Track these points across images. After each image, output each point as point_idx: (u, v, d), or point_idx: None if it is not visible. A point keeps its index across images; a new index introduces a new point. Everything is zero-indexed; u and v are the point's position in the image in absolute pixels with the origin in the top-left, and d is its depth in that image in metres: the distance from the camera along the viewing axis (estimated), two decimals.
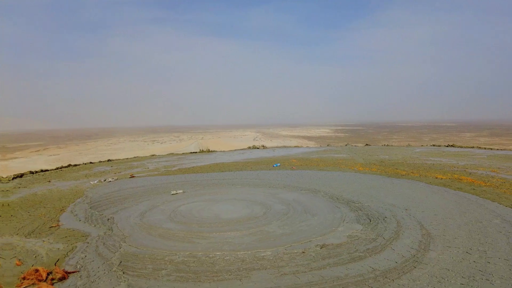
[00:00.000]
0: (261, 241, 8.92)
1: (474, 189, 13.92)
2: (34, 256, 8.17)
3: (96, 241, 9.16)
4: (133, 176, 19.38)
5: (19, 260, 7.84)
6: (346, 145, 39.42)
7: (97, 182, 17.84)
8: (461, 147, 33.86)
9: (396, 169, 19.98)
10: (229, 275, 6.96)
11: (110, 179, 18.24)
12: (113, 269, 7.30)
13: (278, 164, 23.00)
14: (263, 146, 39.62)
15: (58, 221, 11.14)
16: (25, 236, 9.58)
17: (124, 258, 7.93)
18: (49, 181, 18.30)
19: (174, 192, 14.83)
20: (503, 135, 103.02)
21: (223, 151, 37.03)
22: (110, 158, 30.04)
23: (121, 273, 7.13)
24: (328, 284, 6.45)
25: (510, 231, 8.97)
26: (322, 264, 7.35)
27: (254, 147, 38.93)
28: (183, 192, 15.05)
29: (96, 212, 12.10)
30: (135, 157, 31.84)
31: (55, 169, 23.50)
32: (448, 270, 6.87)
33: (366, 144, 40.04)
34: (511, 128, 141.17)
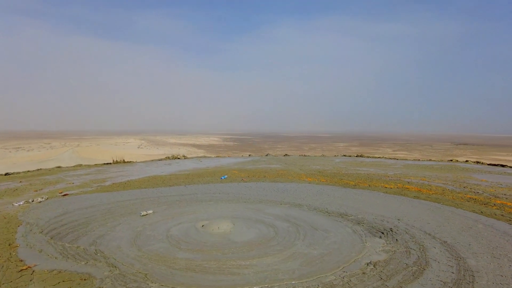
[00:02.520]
0: (308, 265, 8.28)
1: (428, 197, 15.80)
2: None
3: (113, 283, 7.12)
4: (66, 195, 15.94)
5: None
6: (266, 155, 40.47)
7: (24, 203, 14.07)
8: (368, 157, 38.41)
9: (341, 179, 21.32)
10: None
11: (39, 199, 14.58)
12: None
13: (226, 176, 22.09)
14: (184, 156, 37.63)
15: (21, 260, 8.31)
16: None
17: None
18: None
19: (144, 213, 12.74)
20: (370, 145, 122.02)
21: (144, 161, 33.77)
22: None
23: None
24: None
25: (502, 235, 10.34)
26: (396, 283, 7.20)
27: (174, 157, 36.64)
28: (153, 212, 13.04)
29: (68, 245, 9.48)
30: (38, 169, 26.34)
31: None
32: (502, 276, 7.51)
33: (285, 154, 41.86)
34: (376, 139, 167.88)
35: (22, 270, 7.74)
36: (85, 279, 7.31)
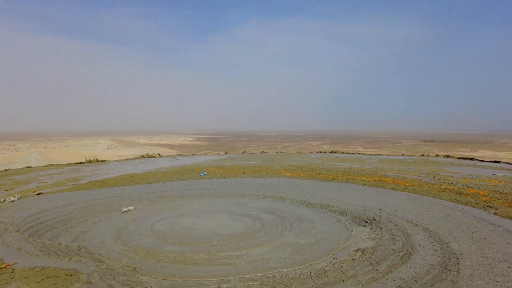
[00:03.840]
0: (298, 253, 8.35)
1: (406, 188, 16.33)
2: None
3: (101, 278, 6.87)
4: (40, 193, 15.24)
5: None
6: (243, 153, 40.45)
7: None
8: (342, 153, 39.21)
9: (319, 173, 21.64)
10: None
11: (12, 199, 13.86)
12: None
13: (205, 173, 21.88)
14: (159, 154, 36.92)
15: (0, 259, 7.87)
16: None
17: None
18: None
19: (126, 209, 12.41)
20: (341, 143, 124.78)
21: (119, 160, 32.85)
22: None
23: None
24: (419, 284, 6.54)
25: (479, 221, 10.85)
26: (385, 267, 7.38)
27: (149, 156, 35.88)
28: (134, 208, 12.73)
29: (48, 242, 9.06)
30: (6, 169, 25.03)
31: None
32: (484, 257, 7.87)
33: (262, 152, 41.99)
34: (346, 138, 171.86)
35: (1, 268, 7.32)
36: (70, 275, 7.01)
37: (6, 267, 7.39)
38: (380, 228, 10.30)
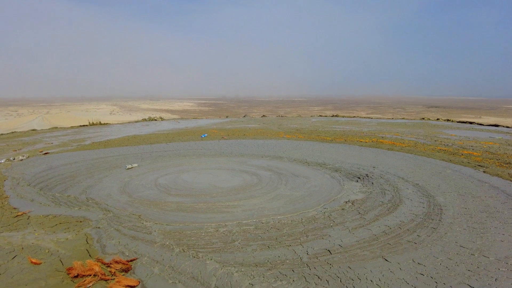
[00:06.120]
0: (291, 203, 8.89)
1: (401, 149, 16.74)
2: (47, 251, 6.21)
3: (108, 224, 7.49)
4: (47, 153, 15.80)
5: (32, 257, 5.85)
6: (244, 117, 40.72)
7: (5, 161, 13.92)
8: (343, 116, 39.41)
9: (318, 135, 22.03)
10: (306, 237, 6.85)
11: (21, 157, 14.44)
12: (177, 251, 6.23)
13: (206, 135, 22.33)
14: (161, 118, 37.27)
15: (15, 208, 8.49)
16: None
17: (173, 237, 6.83)
18: None
19: (130, 166, 12.96)
20: (344, 109, 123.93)
21: (122, 123, 33.30)
22: None
23: (193, 252, 6.19)
24: (402, 230, 7.10)
25: (468, 178, 11.34)
26: (372, 216, 7.93)
27: (151, 119, 36.25)
28: (138, 165, 13.28)
29: (58, 194, 9.67)
30: (12, 132, 25.57)
31: None
32: (465, 208, 8.41)
33: (263, 116, 42.24)
34: (349, 103, 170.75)
35: (17, 215, 7.94)
36: (81, 221, 7.63)
37: (22, 214, 8.02)
38: (372, 183, 10.81)
